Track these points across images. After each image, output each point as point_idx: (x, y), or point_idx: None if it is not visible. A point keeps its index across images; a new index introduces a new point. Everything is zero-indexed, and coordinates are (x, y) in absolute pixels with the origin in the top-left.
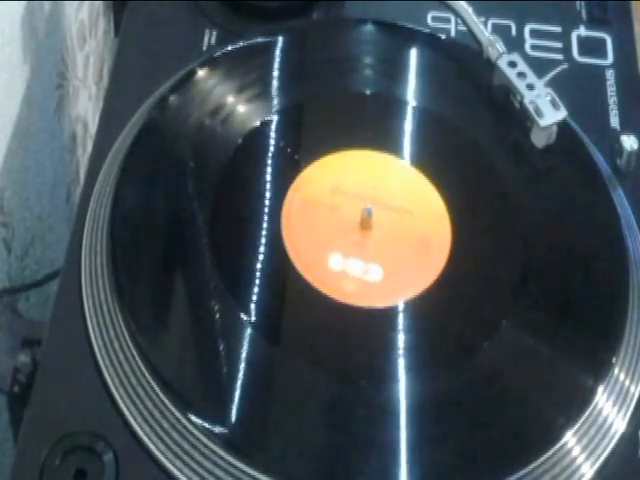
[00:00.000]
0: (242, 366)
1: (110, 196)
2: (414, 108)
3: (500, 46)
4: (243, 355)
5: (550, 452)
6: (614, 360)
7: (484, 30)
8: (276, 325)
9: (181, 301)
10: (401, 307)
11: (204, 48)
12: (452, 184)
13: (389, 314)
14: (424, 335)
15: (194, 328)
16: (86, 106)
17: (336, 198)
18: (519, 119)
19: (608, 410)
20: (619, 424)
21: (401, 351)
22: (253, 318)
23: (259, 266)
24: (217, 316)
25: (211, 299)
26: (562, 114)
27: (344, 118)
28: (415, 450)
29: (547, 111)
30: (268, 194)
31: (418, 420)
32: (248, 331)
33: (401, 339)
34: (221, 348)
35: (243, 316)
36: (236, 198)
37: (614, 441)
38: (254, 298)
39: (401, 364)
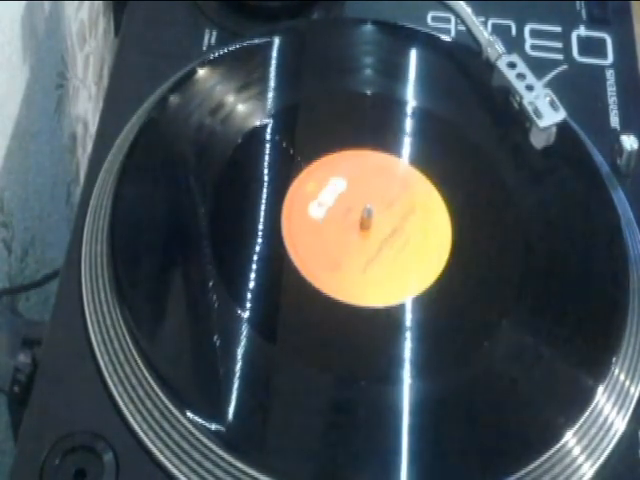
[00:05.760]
0: (242, 366)
1: (110, 196)
2: (413, 108)
3: (499, 47)
4: (243, 355)
5: (550, 452)
6: (614, 360)
7: (484, 31)
8: (277, 325)
9: (181, 301)
10: (401, 307)
11: (204, 48)
12: (452, 184)
13: (389, 314)
14: (424, 335)
15: (194, 328)
16: (86, 106)
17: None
18: (518, 120)
19: (608, 410)
20: (619, 424)
21: (400, 351)
22: (253, 318)
23: (259, 266)
24: (217, 316)
25: (211, 299)
26: (561, 115)
27: (344, 118)
28: (415, 450)
29: (546, 112)
30: (268, 194)
31: (418, 420)
32: (248, 331)
33: (401, 339)
34: (222, 349)
35: (243, 316)
36: (236, 198)
37: (614, 441)
38: (255, 298)
39: (400, 364)
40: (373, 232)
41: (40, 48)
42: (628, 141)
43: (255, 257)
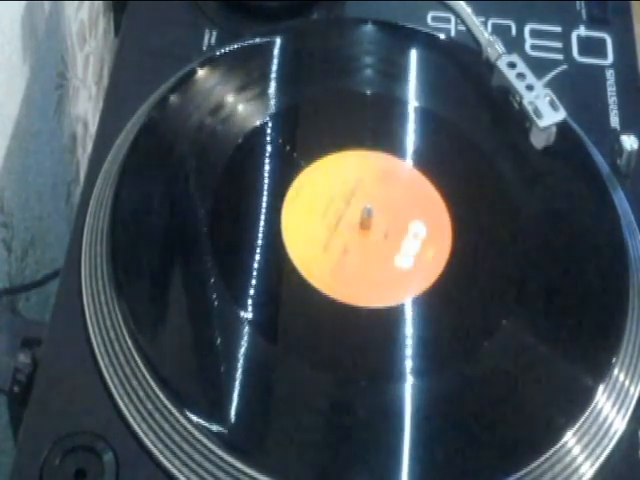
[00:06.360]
0: (243, 367)
1: (110, 196)
2: (413, 108)
3: (499, 47)
4: (244, 356)
5: (550, 452)
6: (614, 360)
7: (484, 31)
8: (277, 325)
9: (181, 301)
10: (401, 307)
11: (204, 48)
12: (452, 184)
13: (389, 314)
14: (424, 335)
15: (194, 329)
16: (86, 106)
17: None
18: (518, 120)
19: (608, 410)
20: (619, 424)
21: (401, 351)
22: (254, 318)
23: (260, 266)
24: (218, 317)
25: (211, 300)
26: (561, 115)
27: (344, 118)
28: (415, 450)
29: (546, 112)
30: (268, 194)
31: (418, 420)
32: (249, 331)
33: (401, 339)
34: (221, 349)
35: (244, 316)
36: (236, 198)
37: (614, 441)
38: (255, 298)
39: (400, 364)
40: (373, 232)
41: (40, 48)
42: (628, 141)
43: (255, 257)
